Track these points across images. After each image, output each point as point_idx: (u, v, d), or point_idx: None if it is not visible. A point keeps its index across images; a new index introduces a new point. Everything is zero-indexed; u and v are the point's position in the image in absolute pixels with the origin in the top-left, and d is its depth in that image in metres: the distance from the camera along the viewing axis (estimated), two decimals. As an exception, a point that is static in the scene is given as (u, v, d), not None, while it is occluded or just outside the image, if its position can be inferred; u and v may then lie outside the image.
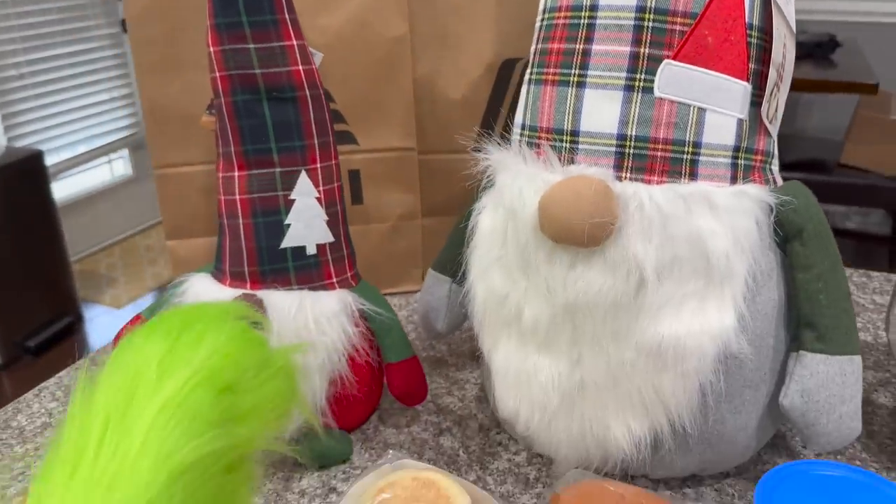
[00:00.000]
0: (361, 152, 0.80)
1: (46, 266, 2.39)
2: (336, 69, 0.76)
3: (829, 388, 0.48)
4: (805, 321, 0.49)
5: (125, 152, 3.14)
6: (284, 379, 0.39)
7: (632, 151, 0.47)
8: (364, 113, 0.78)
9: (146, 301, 2.64)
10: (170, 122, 0.77)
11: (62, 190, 2.77)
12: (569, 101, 0.48)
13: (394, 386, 0.60)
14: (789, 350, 0.51)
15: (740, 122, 0.48)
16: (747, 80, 0.47)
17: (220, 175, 0.56)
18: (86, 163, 2.97)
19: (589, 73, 0.47)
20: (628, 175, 0.47)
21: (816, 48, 2.21)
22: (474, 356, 0.74)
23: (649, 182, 0.47)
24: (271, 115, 0.54)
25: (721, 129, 0.47)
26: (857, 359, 0.49)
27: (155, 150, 0.78)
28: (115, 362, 0.35)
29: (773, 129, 0.50)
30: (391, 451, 0.53)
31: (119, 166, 3.15)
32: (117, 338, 0.61)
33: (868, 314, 0.80)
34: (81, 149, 2.92)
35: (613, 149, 0.47)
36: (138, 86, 0.76)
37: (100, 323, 2.55)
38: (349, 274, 0.59)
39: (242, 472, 0.36)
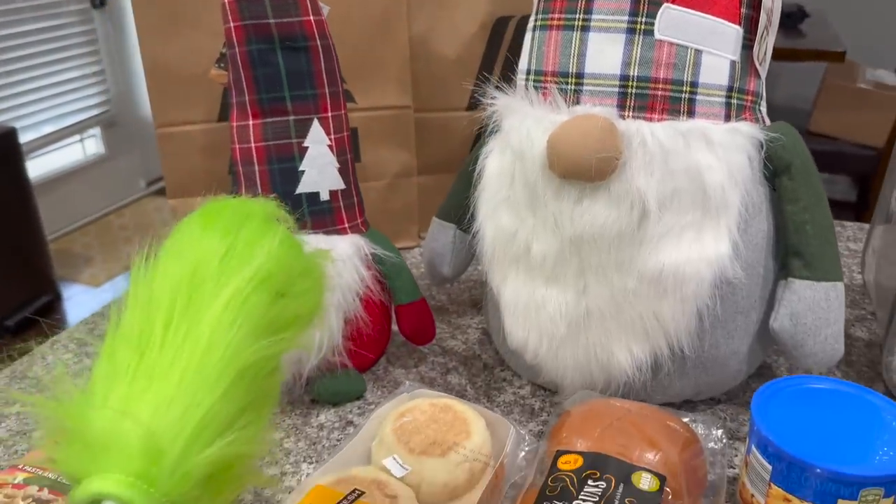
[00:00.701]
0: (359, 110, 0.82)
1: (23, 245, 2.36)
2: (333, 27, 0.77)
3: (816, 311, 0.52)
4: (793, 250, 0.53)
5: (97, 130, 3.10)
6: (319, 289, 0.42)
7: (634, 91, 0.50)
8: (361, 71, 0.80)
9: (124, 280, 2.63)
10: (171, 82, 0.78)
11: (34, 169, 2.72)
12: (573, 45, 0.51)
13: (404, 326, 0.63)
14: (777, 278, 0.55)
15: (733, 63, 0.51)
16: (739, 24, 0.50)
17: (234, 124, 0.58)
18: (57, 142, 2.93)
19: (593, 17, 0.50)
20: (631, 114, 0.50)
21: (786, 18, 2.26)
22: (474, 304, 0.77)
23: (650, 120, 0.50)
24: (285, 64, 0.56)
25: (716, 69, 0.50)
26: (840, 285, 0.53)
27: (157, 110, 0.79)
28: (173, 250, 0.36)
29: (763, 71, 0.53)
30: (407, 382, 0.56)
31: (91, 145, 3.11)
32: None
33: (844, 260, 0.84)
34: (52, 127, 2.88)
35: (616, 89, 0.50)
36: (140, 45, 0.77)
37: (79, 301, 2.53)
38: (360, 220, 0.61)
39: (278, 375, 0.39)
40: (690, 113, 0.50)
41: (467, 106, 0.83)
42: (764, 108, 0.55)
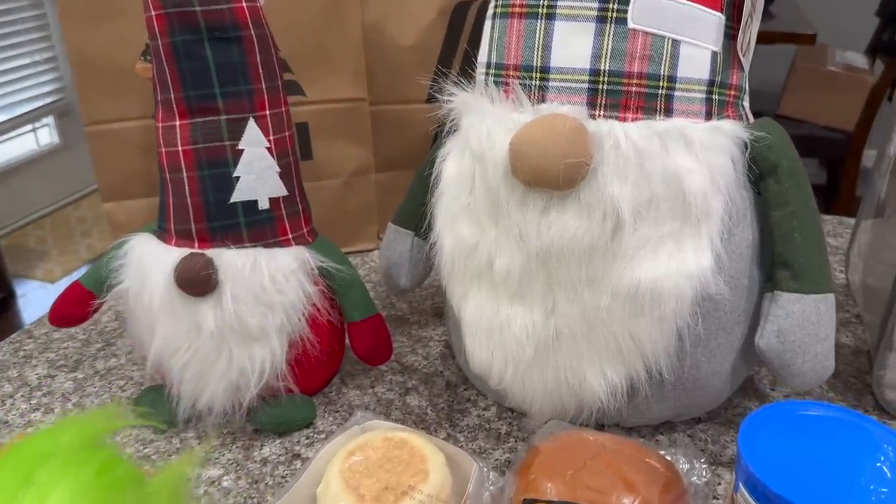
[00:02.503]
0: (309, 103, 0.75)
1: (-29, 241, 2.26)
2: (280, 15, 0.71)
3: (805, 327, 0.47)
4: (780, 260, 0.48)
5: (51, 119, 2.98)
6: None
7: (605, 87, 0.44)
8: (311, 61, 0.74)
9: (81, 273, 2.53)
10: (100, 75, 0.71)
11: (-17, 161, 2.61)
12: (538, 35, 0.45)
13: (357, 345, 0.57)
14: (763, 291, 0.50)
15: (714, 54, 0.46)
16: (721, 11, 0.45)
17: (160, 125, 0.51)
18: (8, 132, 2.80)
19: (559, 2, 0.44)
20: (602, 112, 0.45)
21: None
22: (436, 313, 0.71)
23: (624, 119, 0.44)
24: (214, 57, 0.49)
25: (696, 62, 0.45)
26: (831, 297, 0.48)
27: (85, 106, 0.72)
28: None
29: (746, 63, 0.48)
30: (359, 412, 0.51)
31: (45, 134, 2.98)
32: (52, 310, 0.56)
33: (824, 256, 0.80)
34: (3, 116, 2.75)
35: (586, 85, 0.45)
36: (63, 35, 0.69)
37: (33, 298, 2.43)
38: (305, 229, 0.55)
39: None
40: (668, 111, 0.45)
41: (427, 98, 0.78)
42: (747, 104, 0.50)
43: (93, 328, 0.70)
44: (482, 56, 0.50)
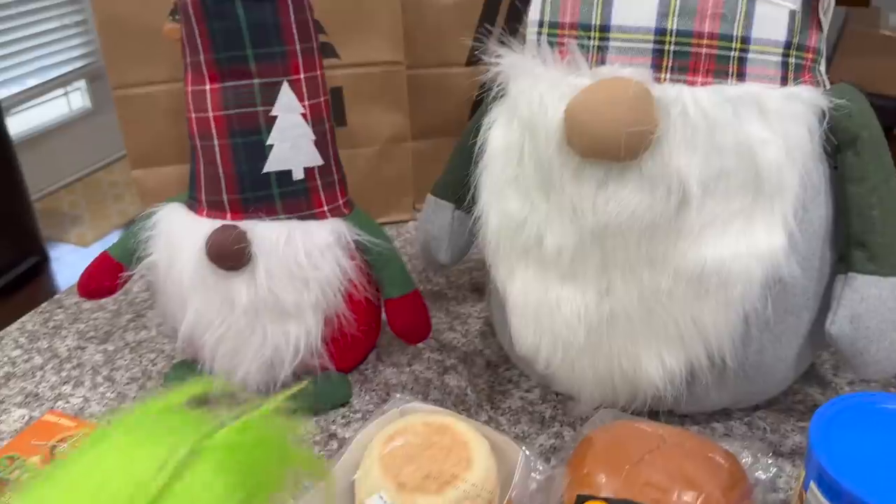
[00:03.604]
0: (343, 67, 0.72)
1: (7, 205, 2.27)
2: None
3: (881, 312, 0.44)
4: (855, 239, 0.44)
5: (82, 83, 2.97)
6: None
7: (672, 48, 0.40)
8: (345, 22, 0.70)
9: (114, 238, 2.54)
10: (127, 36, 0.68)
11: (16, 126, 2.61)
12: (598, -9, 0.41)
13: (395, 323, 0.55)
14: (835, 272, 0.46)
15: (793, 13, 0.41)
16: (802, -37, 0.41)
17: (189, 89, 0.49)
18: (40, 96, 2.80)
19: (622, -46, 0.40)
20: (668, 76, 0.41)
21: (806, -41, 2.13)
22: (475, 288, 0.68)
23: (693, 83, 0.40)
24: (246, 17, 0.46)
25: (772, 21, 0.41)
26: (911, 280, 0.44)
27: (113, 69, 0.70)
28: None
29: (825, 23, 0.44)
30: (397, 394, 0.48)
31: (76, 98, 2.98)
32: (81, 281, 0.54)
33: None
34: (34, 81, 2.75)
35: (651, 45, 0.41)
36: (88, -6, 0.67)
37: (67, 262, 2.45)
38: (341, 201, 0.53)
39: None
40: (740, 75, 0.41)
41: (467, 61, 0.74)
42: (824, 68, 0.46)
43: (123, 298, 0.68)
44: (534, 13, 0.46)
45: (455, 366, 0.58)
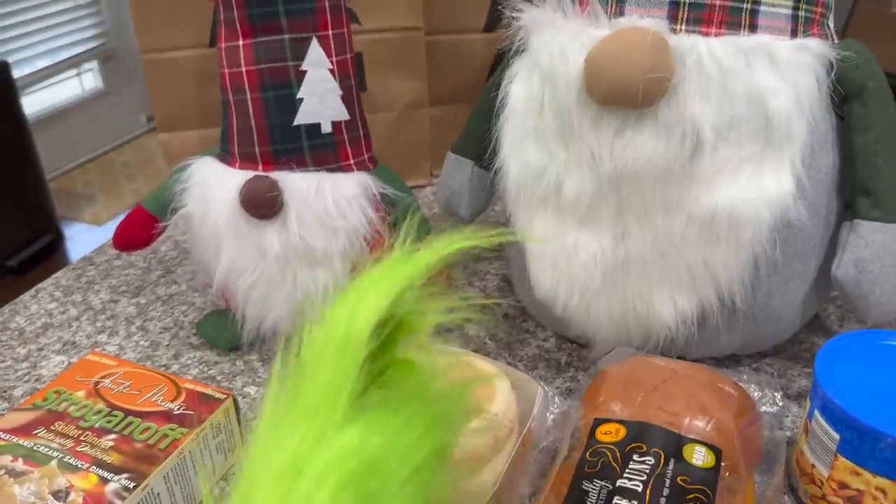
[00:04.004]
0: (363, 33, 0.74)
1: (22, 183, 2.30)
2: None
3: (885, 257, 0.46)
4: (860, 187, 0.46)
5: (94, 64, 2.99)
6: None
7: (688, 1, 0.42)
8: (366, -12, 0.72)
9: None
10: (155, 2, 0.70)
11: (30, 106, 2.64)
12: (617, -55, 0.43)
13: (417, 273, 0.57)
14: (841, 219, 0.48)
15: (803, -33, 0.43)
16: (813, -81, 0.43)
17: (223, 45, 0.51)
18: (53, 76, 2.83)
19: None
20: (684, 27, 0.43)
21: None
22: (493, 248, 0.70)
23: (707, 34, 0.42)
24: (278, -26, 0.48)
25: (784, -25, 0.43)
26: (915, 226, 0.46)
27: (141, 33, 0.72)
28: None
29: (835, -22, 0.46)
30: (422, 337, 0.51)
31: (89, 79, 3.00)
32: (117, 234, 0.57)
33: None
34: (47, 61, 2.78)
35: (667, -2, 0.43)
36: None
37: (81, 240, 2.49)
38: (367, 155, 0.55)
39: None
40: (752, 27, 0.43)
41: (484, 27, 0.75)
42: (832, 23, 0.47)
43: (152, 256, 0.71)
44: (554, -30, 0.48)
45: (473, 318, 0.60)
